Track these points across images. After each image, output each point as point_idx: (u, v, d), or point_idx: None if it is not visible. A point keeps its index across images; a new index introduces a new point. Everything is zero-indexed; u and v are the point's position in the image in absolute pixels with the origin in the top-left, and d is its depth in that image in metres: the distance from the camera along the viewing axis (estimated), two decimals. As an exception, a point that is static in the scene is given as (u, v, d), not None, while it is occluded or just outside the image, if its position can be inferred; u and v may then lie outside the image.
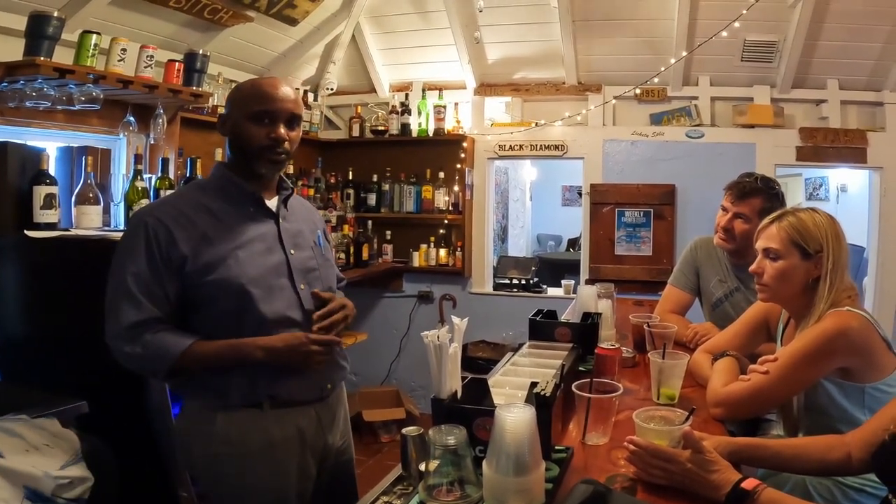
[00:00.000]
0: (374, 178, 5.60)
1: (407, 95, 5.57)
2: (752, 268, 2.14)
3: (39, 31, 2.92)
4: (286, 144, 1.96)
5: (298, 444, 2.00)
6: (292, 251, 2.02)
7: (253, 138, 1.92)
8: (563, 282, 5.60)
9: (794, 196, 9.08)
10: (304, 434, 2.01)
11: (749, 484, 1.43)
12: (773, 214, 2.13)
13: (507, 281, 5.69)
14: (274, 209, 2.05)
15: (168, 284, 1.85)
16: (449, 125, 5.46)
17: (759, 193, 2.87)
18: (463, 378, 1.65)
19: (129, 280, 1.83)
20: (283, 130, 1.94)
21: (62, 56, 3.04)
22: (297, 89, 5.13)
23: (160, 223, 1.86)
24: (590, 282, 4.78)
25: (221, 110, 3.58)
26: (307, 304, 2.00)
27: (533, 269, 5.73)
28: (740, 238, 2.87)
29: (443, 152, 5.46)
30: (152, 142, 3.57)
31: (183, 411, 2.04)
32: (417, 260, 5.55)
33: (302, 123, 2.09)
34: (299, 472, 2.01)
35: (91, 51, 3.10)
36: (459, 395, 1.60)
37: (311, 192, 4.94)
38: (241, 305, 1.88)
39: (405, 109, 5.51)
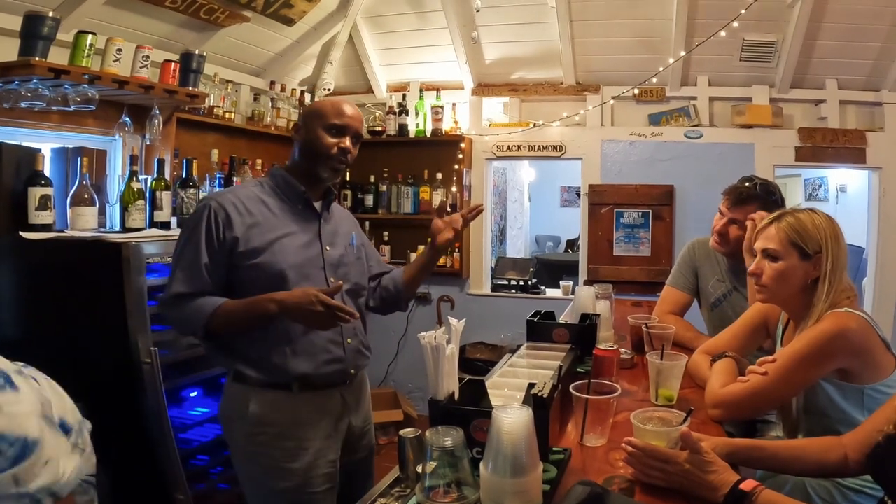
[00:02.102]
0: (372, 178, 5.60)
1: (404, 96, 5.55)
2: (750, 268, 2.13)
3: (34, 32, 2.91)
4: (348, 157, 2.26)
5: (325, 425, 2.21)
6: (328, 247, 2.30)
7: (324, 147, 2.21)
8: (561, 283, 5.59)
9: (794, 197, 9.08)
10: (330, 415, 2.24)
11: (747, 485, 1.43)
12: (772, 215, 2.12)
13: (506, 282, 5.68)
14: (318, 210, 2.32)
15: (219, 263, 2.11)
16: (447, 126, 5.45)
17: (755, 200, 2.85)
18: (460, 379, 1.64)
19: (185, 254, 2.11)
20: (349, 143, 2.25)
21: (57, 56, 3.03)
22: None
23: (221, 207, 2.13)
24: (588, 283, 4.76)
25: (218, 111, 3.90)
26: (335, 296, 2.12)
27: (531, 270, 5.73)
28: (734, 243, 2.86)
29: (440, 153, 5.44)
30: (148, 143, 3.57)
31: (224, 396, 2.26)
32: (415, 261, 5.52)
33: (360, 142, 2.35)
34: (325, 451, 2.21)
35: (86, 51, 3.09)
36: (457, 396, 1.59)
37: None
38: (278, 287, 2.09)
39: (402, 110, 5.50)
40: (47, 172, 3.03)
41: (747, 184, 2.92)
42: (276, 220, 2.21)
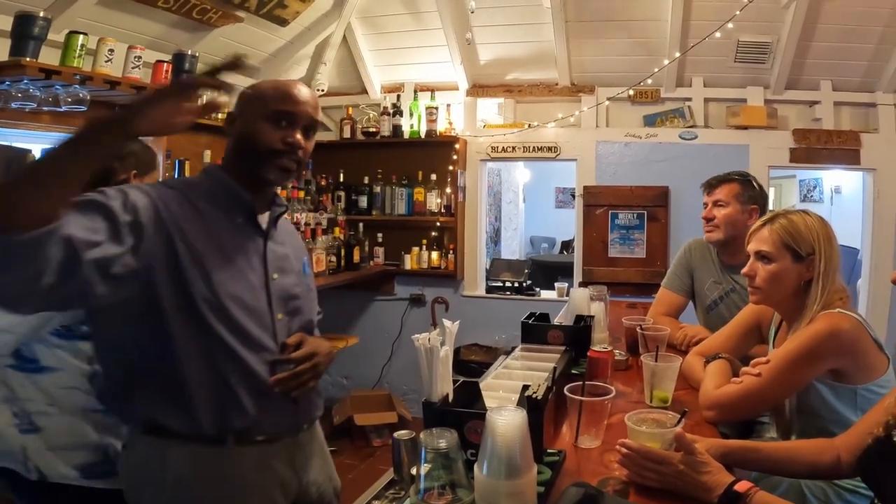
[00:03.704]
0: (366, 180, 5.59)
1: (398, 97, 5.55)
2: (744, 270, 2.14)
3: (25, 32, 2.90)
4: (300, 153, 1.81)
5: (272, 487, 1.77)
6: (275, 275, 1.83)
7: (266, 140, 1.75)
8: (556, 284, 5.59)
9: (789, 198, 9.10)
10: (278, 474, 1.78)
11: (742, 486, 1.43)
12: (765, 217, 2.13)
13: (500, 284, 5.67)
14: (264, 227, 1.86)
15: (117, 249, 1.48)
16: (441, 127, 5.44)
17: (729, 181, 3.04)
18: (455, 381, 1.63)
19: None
20: (299, 136, 1.80)
21: (48, 57, 3.02)
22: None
23: (144, 195, 1.59)
24: (583, 284, 4.76)
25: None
26: (281, 336, 1.80)
27: (526, 271, 5.72)
28: (724, 224, 2.96)
29: (435, 154, 5.43)
30: (140, 143, 3.54)
31: (127, 449, 1.76)
32: (409, 263, 5.52)
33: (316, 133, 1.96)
34: None
35: (78, 51, 3.09)
36: (451, 398, 1.59)
37: (302, 194, 4.90)
38: (212, 320, 1.64)
39: (397, 111, 5.49)
40: (38, 173, 3.01)
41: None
42: (208, 231, 1.70)
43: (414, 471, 1.37)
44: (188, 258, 1.63)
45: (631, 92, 5.14)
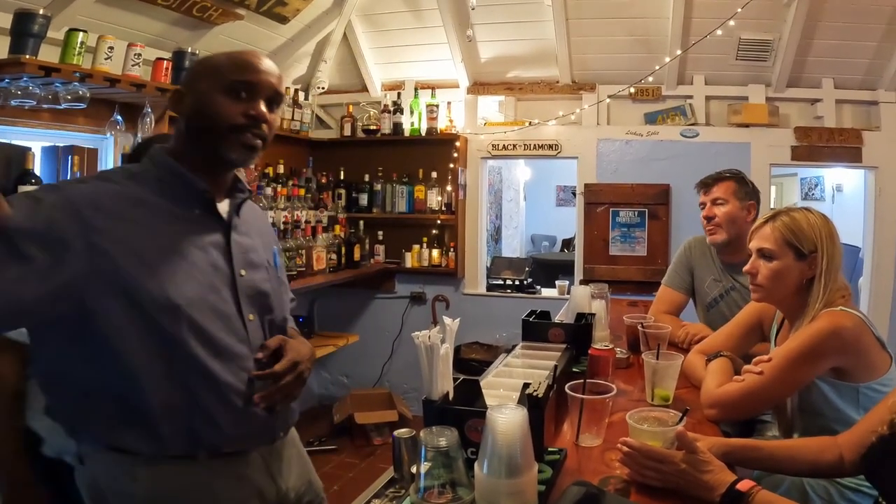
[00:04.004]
0: (366, 177, 5.58)
1: (399, 94, 5.54)
2: (746, 268, 2.13)
3: (25, 29, 2.89)
4: (264, 127, 1.61)
5: (249, 499, 1.64)
6: (242, 271, 1.64)
7: (225, 115, 1.55)
8: (557, 282, 5.59)
9: (790, 196, 9.10)
10: (254, 485, 1.64)
11: (744, 485, 1.42)
12: (767, 214, 2.12)
13: (501, 282, 5.67)
14: (225, 217, 1.67)
15: (46, 274, 1.33)
16: (441, 124, 5.43)
17: (724, 179, 3.06)
18: (455, 379, 1.63)
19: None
20: (262, 108, 1.60)
21: (48, 54, 3.01)
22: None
23: (60, 195, 1.41)
24: (584, 282, 4.75)
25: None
26: (254, 339, 1.64)
27: (527, 269, 5.72)
28: (725, 222, 2.97)
29: (435, 152, 5.43)
30: (139, 141, 3.53)
31: (85, 464, 1.55)
32: (410, 261, 5.52)
33: (282, 109, 1.76)
34: None
35: (77, 49, 3.07)
36: (451, 396, 1.58)
37: (302, 191, 4.90)
38: (174, 331, 1.46)
39: (397, 108, 5.48)
40: (38, 171, 3.00)
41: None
42: (161, 231, 1.51)
43: (414, 469, 1.37)
44: (133, 264, 1.43)
45: (632, 90, 5.13)
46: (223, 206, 1.67)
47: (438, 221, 5.45)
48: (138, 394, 1.45)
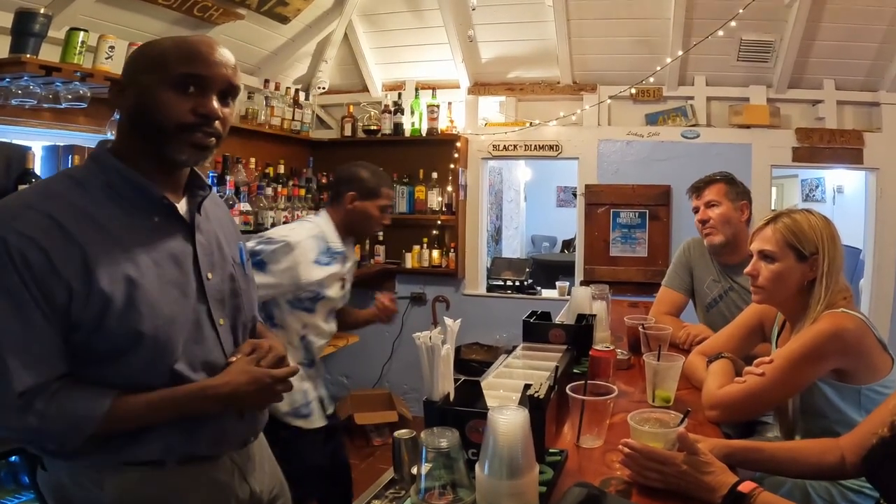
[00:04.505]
0: (367, 178, 5.55)
1: (400, 95, 5.53)
2: (747, 270, 2.12)
3: (26, 29, 2.88)
4: (217, 124, 1.47)
5: (220, 502, 1.58)
6: (209, 275, 1.54)
7: (171, 112, 1.40)
8: (557, 283, 5.58)
9: (791, 197, 9.10)
10: (224, 488, 1.59)
11: (746, 487, 1.42)
12: (768, 216, 2.11)
13: (501, 282, 5.67)
14: (186, 216, 1.54)
15: (53, 329, 1.32)
16: (442, 125, 5.42)
17: (715, 182, 3.08)
18: (456, 380, 1.63)
19: (2, 331, 1.29)
20: (215, 104, 1.45)
21: (49, 53, 3.00)
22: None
23: (29, 242, 1.29)
24: (584, 283, 4.75)
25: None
26: (227, 345, 1.57)
27: (527, 270, 5.71)
28: (721, 224, 2.99)
29: (436, 152, 5.42)
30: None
31: (51, 471, 1.48)
32: (410, 261, 5.51)
33: (237, 100, 1.60)
34: None
35: (78, 48, 3.07)
36: (452, 397, 1.58)
37: (303, 192, 4.89)
38: (152, 356, 1.40)
39: (398, 109, 5.47)
40: (38, 171, 3.00)
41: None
42: (120, 247, 1.38)
43: (415, 470, 1.37)
44: (111, 288, 1.35)
45: (633, 90, 5.12)
46: (182, 206, 1.55)
47: (439, 222, 5.45)
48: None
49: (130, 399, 1.37)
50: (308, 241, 2.74)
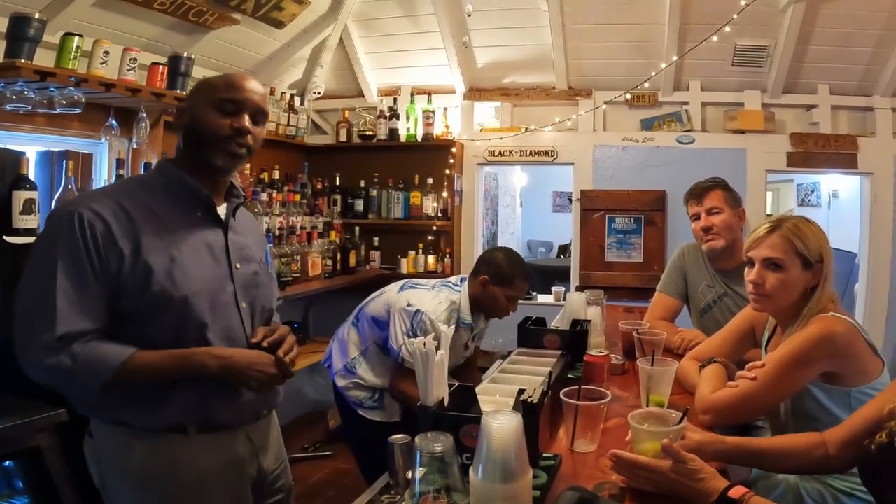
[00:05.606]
0: (362, 183, 5.57)
1: (395, 100, 5.53)
2: (751, 278, 2.10)
3: (20, 33, 2.88)
4: (249, 138, 1.84)
5: (233, 473, 1.85)
6: (238, 265, 1.89)
7: (214, 127, 1.80)
8: (553, 289, 5.59)
9: (786, 202, 9.12)
10: (238, 461, 1.86)
11: (736, 492, 1.43)
12: (768, 224, 2.09)
13: (497, 287, 5.63)
14: (223, 217, 1.91)
15: (103, 290, 1.65)
16: (438, 130, 5.42)
17: (714, 188, 3.10)
18: (450, 385, 1.63)
19: (58, 282, 1.61)
20: (247, 122, 1.83)
21: (43, 58, 3.00)
22: (266, 86, 5.14)
23: (97, 217, 1.66)
24: (580, 288, 4.75)
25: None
26: (247, 324, 1.89)
27: (523, 275, 5.69)
28: (723, 229, 3.00)
29: (431, 157, 5.42)
30: (135, 146, 3.53)
31: (92, 436, 1.81)
32: (406, 267, 5.49)
33: (267, 123, 2.03)
34: None
35: (73, 53, 3.07)
36: (446, 402, 1.58)
37: (298, 197, 4.89)
38: (183, 321, 1.72)
39: (393, 114, 5.47)
40: (32, 176, 2.98)
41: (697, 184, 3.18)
42: (170, 232, 1.77)
43: (409, 475, 1.37)
44: (155, 261, 1.70)
45: (628, 96, 5.14)
46: (221, 209, 1.91)
47: (434, 227, 5.44)
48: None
49: (145, 353, 1.67)
50: (442, 314, 2.94)
